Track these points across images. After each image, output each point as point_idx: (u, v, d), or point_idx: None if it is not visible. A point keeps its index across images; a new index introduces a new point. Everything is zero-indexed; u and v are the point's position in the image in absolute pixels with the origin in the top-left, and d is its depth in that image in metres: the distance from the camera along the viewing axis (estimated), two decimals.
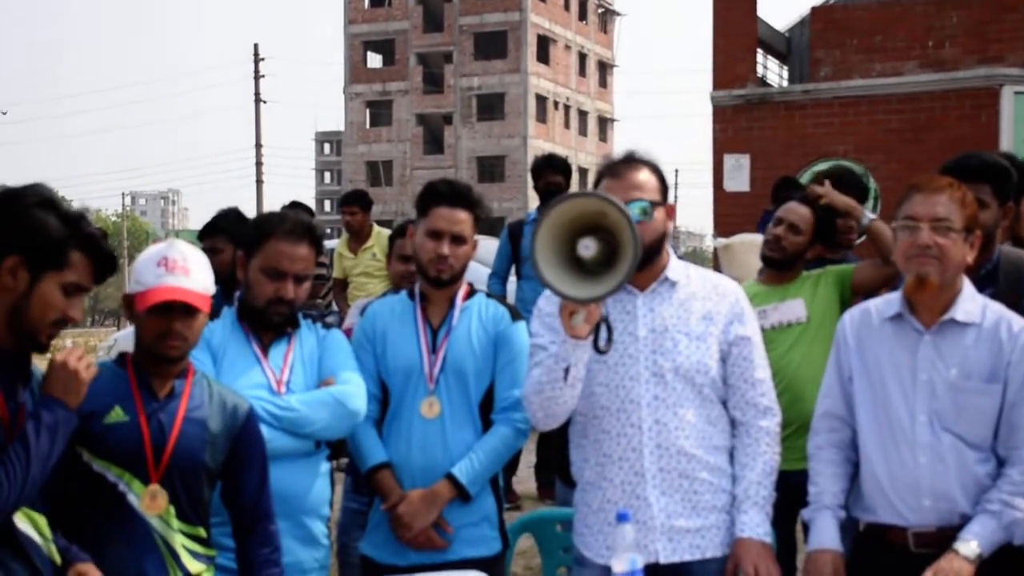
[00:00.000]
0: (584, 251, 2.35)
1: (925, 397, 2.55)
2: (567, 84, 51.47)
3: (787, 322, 3.74)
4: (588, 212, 2.36)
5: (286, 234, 2.82)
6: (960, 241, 2.54)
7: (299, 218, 2.88)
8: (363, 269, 7.64)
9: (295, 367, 2.86)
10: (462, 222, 2.98)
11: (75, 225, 2.14)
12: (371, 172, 50.03)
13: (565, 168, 6.52)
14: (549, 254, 2.36)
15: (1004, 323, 2.57)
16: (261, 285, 2.82)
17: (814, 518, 2.68)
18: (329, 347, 2.93)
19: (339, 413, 2.81)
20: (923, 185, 2.60)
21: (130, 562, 2.34)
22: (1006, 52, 11.09)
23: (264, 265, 2.81)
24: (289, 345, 2.88)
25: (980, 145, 9.71)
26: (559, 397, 2.54)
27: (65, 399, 2.12)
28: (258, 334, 2.86)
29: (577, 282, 2.36)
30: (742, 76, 11.99)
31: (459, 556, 2.91)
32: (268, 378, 2.81)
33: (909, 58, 11.48)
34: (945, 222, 2.53)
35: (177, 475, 2.40)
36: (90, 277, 2.18)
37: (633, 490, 2.61)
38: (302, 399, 2.79)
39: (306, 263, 2.84)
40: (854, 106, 11.42)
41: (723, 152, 11.85)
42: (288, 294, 2.81)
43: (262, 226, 2.88)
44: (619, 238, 2.33)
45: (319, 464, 2.89)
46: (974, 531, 2.46)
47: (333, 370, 2.88)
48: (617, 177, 2.66)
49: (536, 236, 2.35)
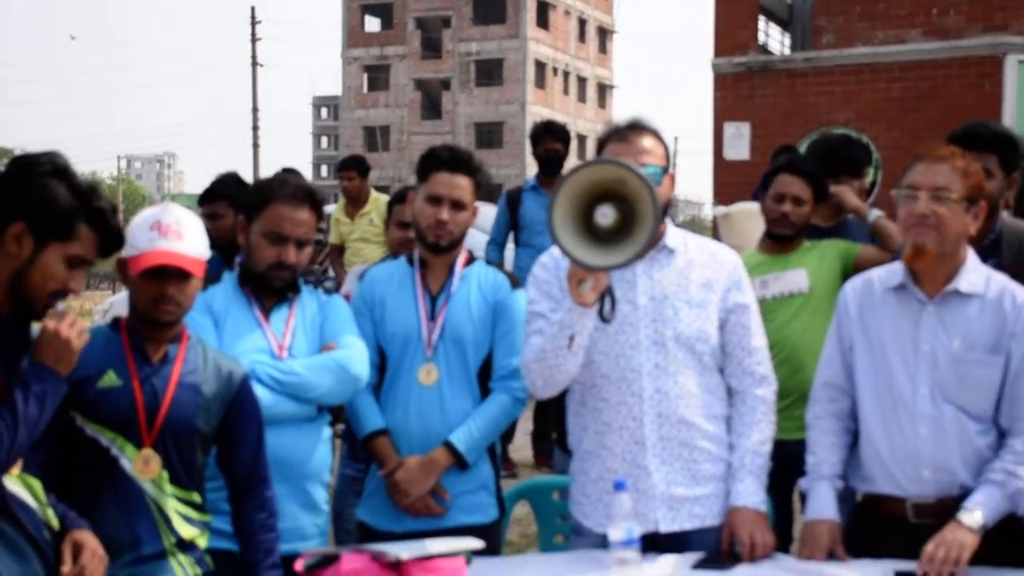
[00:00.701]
0: (603, 219, 2.34)
1: (927, 368, 2.54)
2: (566, 50, 51.12)
3: (789, 292, 3.71)
4: (606, 180, 2.33)
5: (288, 198, 2.80)
6: (960, 211, 2.52)
7: (300, 182, 2.86)
8: (360, 235, 7.61)
9: (297, 332, 2.85)
10: (462, 188, 2.96)
11: (85, 198, 2.12)
12: (368, 137, 49.80)
13: (564, 135, 6.48)
14: (567, 221, 2.34)
15: (1008, 294, 2.56)
16: (262, 249, 2.80)
17: (812, 488, 2.67)
18: (331, 312, 2.91)
19: (342, 378, 2.80)
20: (926, 154, 2.58)
21: (123, 526, 2.33)
22: (1010, 20, 11.00)
23: (266, 229, 2.80)
24: (291, 310, 2.86)
25: (983, 114, 9.65)
26: (562, 365, 2.53)
27: (56, 367, 2.10)
28: (260, 299, 2.85)
29: (592, 250, 2.34)
30: (743, 43, 11.90)
31: (456, 523, 2.90)
32: (270, 343, 2.80)
33: (912, 26, 11.39)
34: (944, 191, 2.50)
35: (170, 439, 2.39)
36: (95, 251, 2.16)
37: (633, 459, 2.61)
38: (305, 364, 2.78)
39: (308, 227, 2.83)
40: (856, 74, 11.36)
41: (723, 120, 11.79)
42: (290, 258, 2.79)
43: (263, 191, 2.85)
44: (636, 206, 2.32)
45: (321, 429, 2.88)
46: (978, 500, 2.45)
47: (335, 335, 2.87)
48: (625, 141, 2.64)
49: (554, 203, 2.33)
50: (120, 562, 2.31)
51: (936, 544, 2.38)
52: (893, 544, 2.51)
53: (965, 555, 2.35)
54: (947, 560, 2.34)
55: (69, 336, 2.10)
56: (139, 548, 2.35)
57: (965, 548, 2.37)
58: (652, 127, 2.69)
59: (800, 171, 3.79)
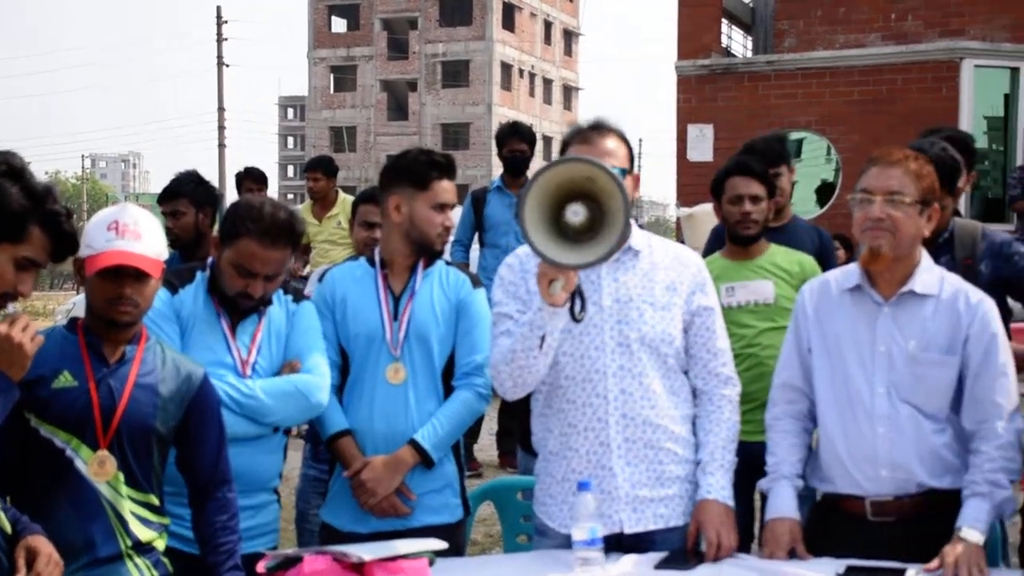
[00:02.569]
0: (573, 217, 2.33)
1: (884, 368, 2.57)
2: (532, 52, 51.18)
3: (755, 301, 3.72)
4: (576, 178, 2.33)
5: (260, 235, 2.73)
6: (914, 214, 2.55)
7: (277, 217, 2.76)
8: (327, 236, 7.57)
9: (262, 348, 2.83)
10: (454, 191, 3.05)
11: (39, 199, 2.07)
12: (335, 138, 49.55)
13: (530, 136, 6.49)
14: (537, 220, 2.33)
15: (962, 295, 2.59)
16: (231, 278, 2.77)
17: (772, 487, 2.69)
18: (298, 324, 2.89)
19: (301, 405, 2.80)
20: (880, 158, 2.61)
21: (78, 529, 2.31)
22: (967, 26, 11.18)
23: (235, 261, 2.75)
24: (259, 323, 2.84)
25: (941, 118, 9.81)
26: (532, 366, 2.53)
27: (8, 372, 2.06)
28: (227, 310, 2.82)
29: (563, 248, 2.33)
30: (707, 46, 11.98)
31: (421, 523, 2.90)
32: (234, 358, 2.78)
33: (872, 30, 11.54)
34: (898, 195, 2.53)
35: (126, 441, 2.36)
36: (47, 255, 2.10)
37: (598, 460, 2.61)
38: (266, 388, 2.76)
39: (278, 264, 2.78)
40: (817, 77, 11.48)
41: (687, 122, 11.86)
42: (256, 292, 2.76)
43: (238, 221, 2.77)
44: (606, 204, 2.31)
45: (274, 442, 2.88)
46: (973, 518, 2.44)
47: (300, 352, 2.85)
48: (588, 143, 2.64)
49: (524, 201, 2.32)
50: (75, 565, 2.28)
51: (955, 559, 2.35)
52: (852, 542, 2.54)
53: (982, 562, 2.36)
54: (970, 564, 2.34)
55: (22, 340, 2.05)
56: (94, 550, 2.32)
57: (978, 555, 2.37)
58: (615, 128, 2.69)
59: (750, 171, 3.82)
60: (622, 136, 2.69)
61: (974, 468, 2.51)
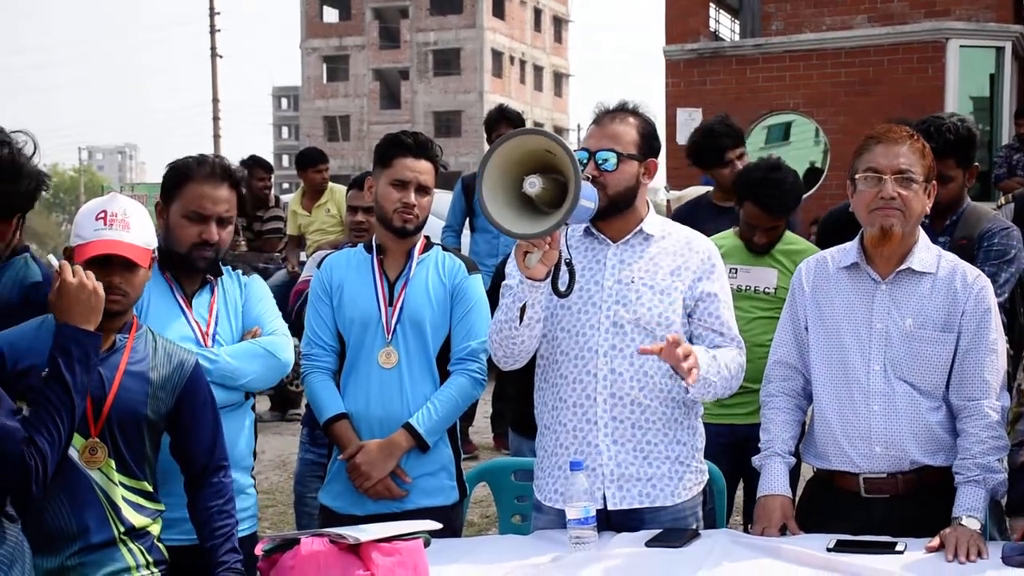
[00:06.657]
0: (529, 188, 2.34)
1: (880, 346, 2.57)
2: (522, 39, 51.00)
3: (755, 288, 3.70)
4: (537, 150, 2.34)
5: (206, 176, 2.75)
6: (921, 192, 2.55)
7: (217, 160, 2.82)
8: (319, 226, 7.63)
9: (220, 318, 2.82)
10: (426, 172, 3.00)
11: None
12: (328, 127, 49.41)
13: (519, 121, 6.49)
14: (497, 191, 2.35)
15: (959, 273, 2.59)
16: (183, 229, 2.74)
17: (765, 464, 2.69)
18: (252, 295, 2.89)
19: (270, 364, 2.81)
20: (883, 136, 2.58)
21: (71, 515, 2.32)
22: (952, 7, 11.20)
23: (185, 209, 2.74)
24: (212, 295, 2.83)
25: (927, 98, 9.85)
26: (516, 337, 2.55)
27: (87, 325, 2.12)
28: (181, 284, 2.80)
29: (527, 220, 2.35)
30: (694, 30, 12.00)
31: (417, 505, 2.91)
32: (194, 330, 2.76)
33: (858, 12, 11.55)
34: (908, 173, 2.52)
35: (117, 428, 2.36)
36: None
37: (584, 436, 2.63)
38: (232, 352, 2.76)
39: (228, 205, 2.78)
40: (804, 60, 11.51)
41: (676, 106, 11.89)
42: (212, 236, 2.74)
43: (180, 169, 2.79)
44: (566, 176, 2.33)
45: (245, 416, 2.88)
46: (969, 506, 2.45)
47: (258, 319, 2.86)
48: (597, 125, 2.68)
49: (483, 172, 2.35)
50: (69, 551, 2.30)
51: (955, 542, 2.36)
52: (845, 518, 2.55)
53: (981, 543, 2.37)
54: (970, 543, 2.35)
55: (95, 285, 2.12)
56: (88, 536, 2.32)
57: (978, 537, 2.38)
58: (634, 111, 2.70)
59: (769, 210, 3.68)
60: (638, 121, 2.68)
61: (964, 452, 2.51)
